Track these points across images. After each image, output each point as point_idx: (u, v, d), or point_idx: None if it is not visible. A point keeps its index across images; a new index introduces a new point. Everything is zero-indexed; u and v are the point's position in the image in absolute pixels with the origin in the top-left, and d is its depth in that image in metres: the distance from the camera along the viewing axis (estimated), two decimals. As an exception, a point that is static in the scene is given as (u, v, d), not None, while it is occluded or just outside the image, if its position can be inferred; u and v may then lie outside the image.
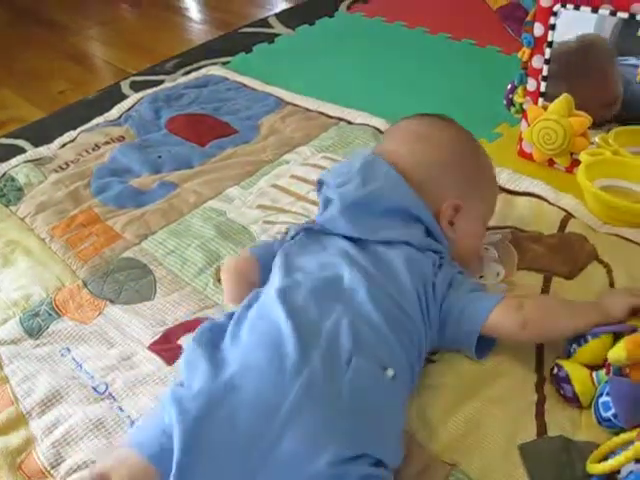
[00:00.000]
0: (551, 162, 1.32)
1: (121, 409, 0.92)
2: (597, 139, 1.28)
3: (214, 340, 0.82)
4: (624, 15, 1.14)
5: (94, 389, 0.96)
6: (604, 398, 0.81)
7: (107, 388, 0.96)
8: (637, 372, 0.82)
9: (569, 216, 1.16)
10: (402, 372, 0.80)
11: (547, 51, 1.25)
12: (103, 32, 2.36)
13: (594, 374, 0.85)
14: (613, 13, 1.16)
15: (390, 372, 0.77)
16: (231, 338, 0.81)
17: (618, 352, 0.82)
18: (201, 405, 0.72)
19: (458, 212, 0.96)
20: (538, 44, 1.25)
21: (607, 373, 0.84)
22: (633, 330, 0.85)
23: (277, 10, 2.29)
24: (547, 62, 1.26)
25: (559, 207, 1.19)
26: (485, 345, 0.89)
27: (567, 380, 0.86)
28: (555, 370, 0.88)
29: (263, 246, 1.04)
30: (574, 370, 0.86)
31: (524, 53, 1.27)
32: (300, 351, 0.74)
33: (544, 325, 0.88)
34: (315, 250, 0.92)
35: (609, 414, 0.80)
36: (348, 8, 2.20)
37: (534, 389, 0.89)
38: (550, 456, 0.80)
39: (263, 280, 0.92)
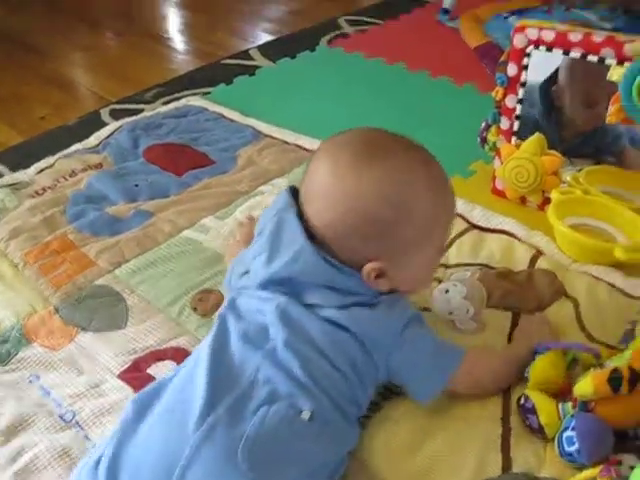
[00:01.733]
0: (523, 200, 1.34)
1: (87, 438, 0.92)
2: (568, 178, 1.31)
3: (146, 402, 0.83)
4: (594, 58, 1.17)
5: (61, 417, 0.95)
6: (568, 433, 0.82)
7: (74, 416, 0.95)
8: (603, 407, 0.84)
9: (539, 253, 1.18)
10: (324, 413, 0.79)
11: (520, 91, 1.28)
12: (86, 58, 2.37)
13: (560, 406, 0.87)
14: (584, 56, 1.19)
15: (306, 415, 0.77)
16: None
17: (585, 387, 0.83)
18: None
19: (383, 270, 0.86)
20: (511, 84, 1.28)
21: (574, 407, 0.85)
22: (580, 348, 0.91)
23: (259, 42, 2.32)
24: (520, 102, 1.29)
25: (529, 244, 1.21)
26: None
27: (533, 411, 0.87)
28: (522, 401, 0.89)
29: None
30: (540, 401, 0.87)
31: (498, 92, 1.30)
32: (207, 404, 0.77)
33: (489, 387, 0.94)
34: (254, 295, 0.90)
35: (572, 449, 0.81)
36: (329, 42, 2.23)
37: (500, 422, 0.90)
38: (513, 492, 0.81)
39: None
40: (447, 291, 1.05)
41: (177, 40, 2.54)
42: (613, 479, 0.75)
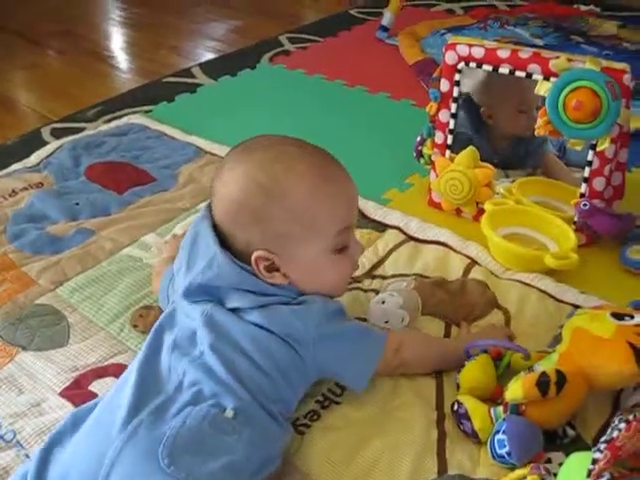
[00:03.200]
0: (459, 211, 1.38)
1: (28, 457, 0.91)
2: (501, 189, 1.35)
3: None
4: (522, 74, 1.22)
5: (1, 437, 0.95)
6: (500, 436, 0.85)
7: (15, 436, 0.95)
8: (533, 410, 0.87)
9: (473, 263, 1.22)
10: (248, 410, 0.82)
11: (453, 106, 1.32)
12: (27, 77, 2.36)
13: (492, 410, 0.90)
14: (512, 72, 1.23)
15: (229, 413, 0.80)
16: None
17: (515, 391, 0.87)
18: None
19: (271, 260, 0.90)
20: (444, 99, 1.32)
21: (505, 411, 0.89)
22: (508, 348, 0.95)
23: (201, 60, 2.34)
24: (453, 116, 1.33)
25: (464, 254, 1.24)
26: None
27: (467, 417, 0.90)
28: (456, 407, 0.92)
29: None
30: (473, 407, 0.90)
31: (432, 107, 1.34)
32: (132, 409, 0.80)
33: (417, 365, 0.99)
34: (184, 305, 0.93)
35: (503, 451, 0.84)
36: (270, 60, 2.26)
37: (435, 426, 0.92)
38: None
39: None
40: (384, 302, 1.08)
41: (120, 59, 2.55)
42: (542, 475, 0.78)
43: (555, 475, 0.78)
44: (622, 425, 0.75)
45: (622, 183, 1.29)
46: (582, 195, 1.26)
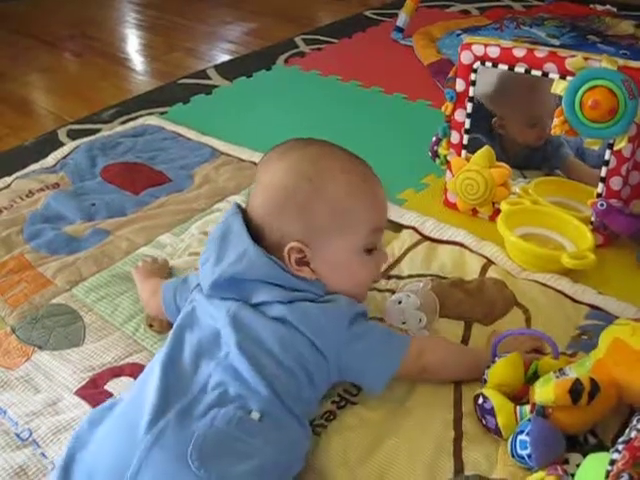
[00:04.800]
0: (475, 211, 1.37)
1: (44, 455, 0.92)
2: (517, 189, 1.34)
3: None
4: (538, 73, 1.22)
5: (17, 435, 0.95)
6: (523, 437, 0.84)
7: (31, 434, 0.95)
8: (560, 414, 0.85)
9: (489, 263, 1.21)
10: (273, 412, 0.82)
11: (469, 105, 1.31)
12: (44, 79, 2.38)
13: (518, 409, 0.89)
14: (528, 71, 1.23)
15: (255, 415, 0.80)
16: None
17: (546, 394, 0.85)
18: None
19: (303, 253, 0.92)
20: (460, 99, 1.32)
21: (531, 411, 0.87)
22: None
23: (216, 62, 2.35)
24: (469, 116, 1.32)
25: (480, 254, 1.23)
26: None
27: (492, 412, 0.89)
28: (480, 400, 0.90)
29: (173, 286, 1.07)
30: (500, 403, 0.89)
31: (447, 107, 1.34)
32: (158, 410, 0.79)
33: (439, 372, 0.96)
34: (206, 303, 0.93)
35: (524, 452, 0.83)
36: (285, 61, 2.26)
37: (452, 426, 0.92)
38: (465, 495, 0.83)
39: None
40: (400, 302, 1.07)
41: (135, 61, 2.56)
42: (560, 476, 0.77)
43: (573, 476, 0.77)
44: (641, 425, 0.74)
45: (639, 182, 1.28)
46: (599, 195, 1.25)
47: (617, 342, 0.89)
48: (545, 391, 0.85)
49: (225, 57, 2.44)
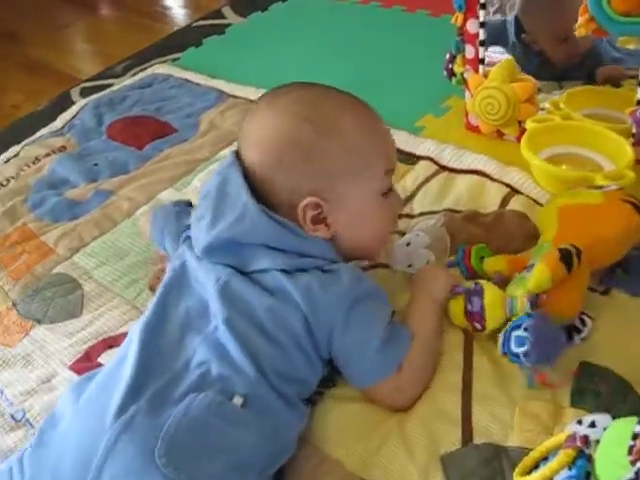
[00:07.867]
0: (500, 133, 1.24)
1: (36, 436, 0.88)
2: (547, 104, 1.21)
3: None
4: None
5: (12, 416, 0.93)
6: (520, 332, 0.78)
7: (24, 415, 0.93)
8: (554, 296, 0.80)
9: (513, 192, 1.09)
10: (259, 396, 0.73)
11: (481, 13, 1.17)
12: (61, 39, 2.31)
13: (509, 300, 0.82)
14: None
15: (238, 400, 0.71)
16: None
17: (541, 274, 0.79)
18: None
19: (320, 209, 0.82)
20: (470, 6, 1.17)
21: (522, 305, 0.81)
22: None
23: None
24: (482, 25, 1.18)
25: (502, 182, 1.11)
26: None
27: (479, 293, 0.83)
28: (472, 286, 0.85)
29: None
30: (490, 288, 0.84)
31: (457, 18, 1.20)
32: (131, 392, 0.72)
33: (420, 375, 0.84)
34: (195, 267, 0.85)
35: (520, 350, 0.77)
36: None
37: (460, 393, 0.81)
38: (476, 468, 0.73)
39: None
40: (408, 244, 0.97)
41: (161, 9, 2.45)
42: (580, 447, 0.66)
43: (597, 442, 0.66)
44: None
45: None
46: (639, 102, 1.09)
47: (565, 208, 0.89)
48: (538, 273, 0.79)
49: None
